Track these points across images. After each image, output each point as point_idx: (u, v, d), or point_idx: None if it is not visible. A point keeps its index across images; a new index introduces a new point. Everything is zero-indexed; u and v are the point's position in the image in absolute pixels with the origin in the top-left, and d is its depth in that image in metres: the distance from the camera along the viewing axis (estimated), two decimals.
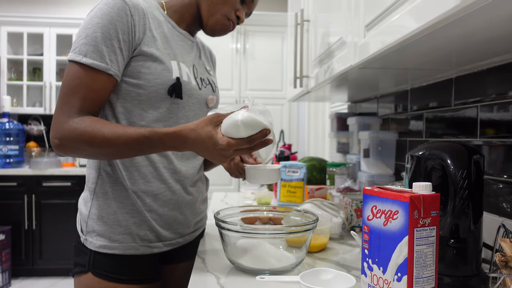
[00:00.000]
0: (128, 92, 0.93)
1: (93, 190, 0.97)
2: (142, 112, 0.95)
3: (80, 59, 0.87)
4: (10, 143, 3.42)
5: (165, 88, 0.94)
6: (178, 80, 0.96)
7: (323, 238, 1.07)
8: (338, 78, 1.18)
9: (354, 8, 0.96)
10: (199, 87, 1.05)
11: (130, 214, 0.96)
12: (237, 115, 0.82)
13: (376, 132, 1.55)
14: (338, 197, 1.42)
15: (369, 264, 0.69)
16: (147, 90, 0.93)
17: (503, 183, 0.93)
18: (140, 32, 0.92)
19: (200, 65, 1.10)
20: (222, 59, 3.56)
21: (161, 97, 0.95)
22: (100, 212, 0.96)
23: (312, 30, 1.50)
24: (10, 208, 3.33)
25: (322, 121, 3.13)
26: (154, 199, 0.97)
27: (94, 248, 0.95)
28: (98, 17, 0.88)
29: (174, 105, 0.98)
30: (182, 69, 0.99)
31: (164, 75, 0.94)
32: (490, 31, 0.69)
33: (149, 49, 0.93)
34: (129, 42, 0.91)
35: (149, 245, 0.98)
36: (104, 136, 0.84)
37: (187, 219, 1.05)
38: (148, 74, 0.93)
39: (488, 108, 0.99)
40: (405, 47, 0.77)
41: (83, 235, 0.97)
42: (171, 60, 0.97)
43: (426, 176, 0.82)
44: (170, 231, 1.01)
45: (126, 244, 0.95)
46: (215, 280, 0.86)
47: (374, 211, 0.67)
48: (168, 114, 0.97)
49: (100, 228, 0.95)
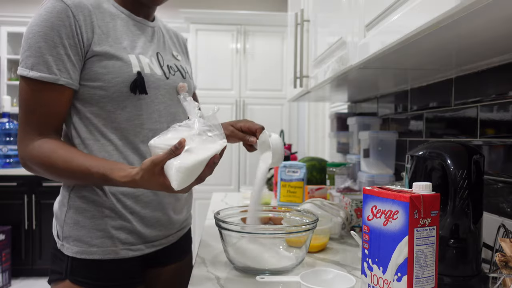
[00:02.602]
0: (91, 96, 0.89)
1: (69, 193, 0.92)
2: (110, 114, 0.90)
3: (27, 73, 0.82)
4: (10, 143, 3.42)
5: (127, 85, 0.89)
6: (139, 74, 0.90)
7: (323, 238, 1.07)
8: (338, 78, 1.18)
9: (354, 8, 0.96)
10: (166, 76, 0.98)
11: (110, 217, 0.91)
12: (172, 169, 0.74)
13: (376, 132, 1.55)
14: (338, 197, 1.42)
15: (369, 264, 0.69)
16: (109, 90, 0.88)
17: (503, 183, 0.93)
18: (88, 32, 0.86)
19: (166, 52, 1.03)
20: (222, 59, 3.56)
21: (125, 96, 0.90)
22: (76, 216, 0.91)
23: (312, 30, 1.50)
24: (10, 208, 3.33)
25: (322, 121, 3.13)
26: (135, 201, 0.93)
27: (72, 254, 0.90)
28: (38, 25, 0.82)
29: (141, 101, 0.92)
30: (143, 61, 0.93)
31: (124, 71, 0.89)
32: (490, 31, 0.69)
33: (102, 47, 0.87)
34: (77, 45, 0.85)
35: (130, 248, 0.93)
36: (59, 169, 0.84)
37: (171, 219, 1.01)
38: (106, 74, 0.87)
39: (488, 108, 0.99)
40: (405, 47, 0.77)
41: (60, 241, 0.92)
42: (128, 54, 0.91)
43: (426, 176, 0.82)
44: (153, 232, 0.97)
45: (105, 249, 0.90)
46: (215, 280, 0.86)
47: (374, 211, 0.67)
48: (137, 111, 0.92)
49: (77, 233, 0.90)
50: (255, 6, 4.10)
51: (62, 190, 0.95)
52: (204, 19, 3.51)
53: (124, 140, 0.92)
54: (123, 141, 0.92)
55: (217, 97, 3.54)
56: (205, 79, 3.54)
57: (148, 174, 0.76)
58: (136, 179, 0.77)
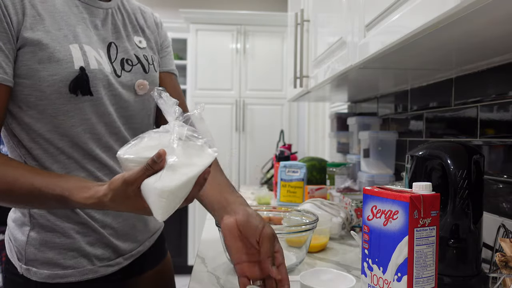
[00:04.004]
0: (26, 98, 0.71)
1: (27, 210, 0.77)
2: (53, 120, 0.73)
3: None
4: None
5: (67, 84, 0.71)
6: (82, 71, 0.72)
7: (323, 238, 1.07)
8: (338, 78, 1.18)
9: (354, 8, 0.96)
10: (117, 74, 0.80)
11: (82, 234, 0.78)
12: (152, 194, 0.57)
13: (376, 132, 1.55)
14: (338, 197, 1.42)
15: (369, 264, 0.69)
16: (46, 91, 0.71)
17: (503, 183, 0.93)
18: (18, 13, 0.68)
19: (123, 40, 0.84)
20: (222, 59, 3.56)
21: (65, 98, 0.72)
22: (43, 236, 0.76)
23: (312, 30, 1.50)
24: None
25: (322, 121, 3.13)
26: (104, 213, 0.80)
27: (41, 279, 0.76)
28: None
29: (86, 104, 0.74)
30: (88, 53, 0.74)
31: (63, 67, 0.71)
32: (490, 31, 0.69)
33: (35, 33, 0.69)
34: (6, 31, 0.67)
35: (108, 264, 0.81)
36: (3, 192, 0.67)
37: (147, 223, 0.91)
38: (41, 70, 0.70)
39: (488, 108, 0.99)
40: (405, 47, 0.77)
41: (23, 264, 0.77)
42: (69, 44, 0.72)
43: (426, 176, 0.82)
44: (129, 241, 0.86)
45: (82, 269, 0.78)
46: (215, 280, 0.86)
47: (374, 211, 0.67)
48: (82, 116, 0.74)
49: (46, 255, 0.76)
50: (255, 6, 4.10)
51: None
52: (204, 19, 3.51)
53: (76, 147, 0.76)
54: (74, 147, 0.76)
55: (217, 97, 3.54)
56: (205, 79, 3.53)
57: (120, 196, 0.59)
58: (104, 201, 0.61)
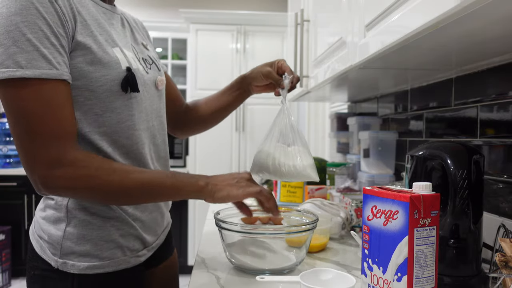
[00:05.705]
0: (74, 98, 0.76)
1: (64, 207, 0.82)
2: (98, 118, 0.78)
3: (22, 73, 0.67)
4: (10, 143, 3.42)
5: (118, 83, 0.78)
6: (129, 70, 0.80)
7: (323, 238, 1.07)
8: (338, 78, 1.18)
9: (354, 8, 0.96)
10: (146, 71, 0.89)
11: (116, 227, 0.84)
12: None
13: (376, 132, 1.55)
14: (338, 197, 1.42)
15: (369, 264, 0.69)
16: (97, 91, 0.77)
17: (503, 183, 0.93)
18: (71, 18, 0.73)
19: (138, 43, 0.93)
20: (222, 59, 3.56)
21: (115, 96, 0.79)
22: (80, 230, 0.81)
23: (312, 30, 1.50)
24: (10, 208, 3.33)
25: (322, 121, 3.13)
26: (135, 207, 0.87)
27: (79, 271, 0.80)
28: (18, 14, 0.67)
29: (131, 101, 0.82)
30: (128, 55, 0.82)
31: (113, 68, 0.78)
32: (490, 31, 0.69)
33: (85, 38, 0.75)
34: (66, 35, 0.72)
35: (137, 254, 0.88)
36: (129, 190, 0.78)
37: (164, 217, 0.99)
38: (93, 71, 0.76)
39: (488, 108, 0.99)
40: (405, 47, 0.77)
41: (58, 259, 0.81)
42: (112, 48, 0.80)
43: (426, 176, 0.82)
44: (151, 234, 0.93)
45: (117, 259, 0.84)
46: (215, 280, 0.86)
47: (374, 211, 0.67)
48: (128, 112, 0.82)
49: (83, 248, 0.81)
50: (255, 6, 4.10)
51: (51, 203, 0.85)
52: (204, 19, 3.51)
53: (114, 146, 0.82)
54: (113, 146, 0.82)
55: None
56: (205, 79, 3.53)
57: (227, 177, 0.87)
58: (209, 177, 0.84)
